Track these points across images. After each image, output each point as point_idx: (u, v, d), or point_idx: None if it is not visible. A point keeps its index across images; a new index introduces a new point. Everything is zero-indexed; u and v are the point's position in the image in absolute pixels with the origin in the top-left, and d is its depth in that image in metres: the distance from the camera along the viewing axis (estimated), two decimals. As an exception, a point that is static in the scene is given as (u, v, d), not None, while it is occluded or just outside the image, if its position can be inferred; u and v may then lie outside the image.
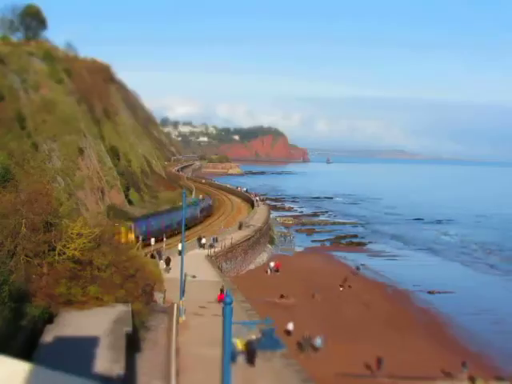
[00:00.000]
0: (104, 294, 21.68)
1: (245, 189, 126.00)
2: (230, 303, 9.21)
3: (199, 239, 52.53)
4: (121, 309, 21.26)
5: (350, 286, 51.78)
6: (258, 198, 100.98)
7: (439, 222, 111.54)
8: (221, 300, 37.77)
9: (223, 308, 9.22)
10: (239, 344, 24.95)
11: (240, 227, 64.24)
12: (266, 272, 55.76)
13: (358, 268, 61.59)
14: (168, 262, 40.67)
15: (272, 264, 56.49)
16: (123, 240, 38.87)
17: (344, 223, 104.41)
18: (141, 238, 47.77)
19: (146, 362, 20.63)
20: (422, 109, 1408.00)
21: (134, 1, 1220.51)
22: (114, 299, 21.91)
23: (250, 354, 19.69)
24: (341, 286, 51.82)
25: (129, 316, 20.51)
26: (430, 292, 53.13)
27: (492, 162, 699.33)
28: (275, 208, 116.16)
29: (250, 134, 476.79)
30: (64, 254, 22.03)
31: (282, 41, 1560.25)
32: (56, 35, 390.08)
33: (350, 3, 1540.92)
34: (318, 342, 33.34)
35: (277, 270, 55.65)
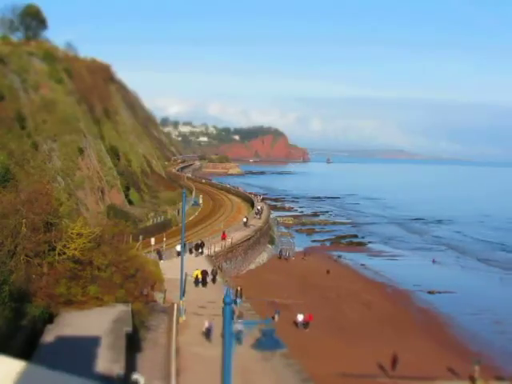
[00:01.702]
0: (104, 294, 21.70)
1: (260, 196, 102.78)
2: (230, 303, 9.20)
3: (245, 222, 65.18)
4: (121, 309, 21.27)
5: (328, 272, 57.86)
6: (259, 207, 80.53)
7: (440, 221, 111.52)
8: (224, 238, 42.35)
9: (223, 308, 9.21)
10: (198, 273, 35.75)
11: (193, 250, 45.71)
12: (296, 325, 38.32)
13: (339, 256, 68.90)
14: (160, 255, 43.16)
15: (300, 317, 38.67)
16: None
17: (344, 223, 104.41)
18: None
19: (146, 361, 20.63)
20: (421, 109, 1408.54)
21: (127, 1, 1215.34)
22: (113, 299, 21.92)
23: (204, 279, 35.91)
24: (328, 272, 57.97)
25: (129, 316, 20.53)
26: (430, 292, 53.13)
27: (492, 162, 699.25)
28: (275, 208, 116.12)
29: (250, 134, 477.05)
30: (64, 253, 22.04)
31: (281, 41, 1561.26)
32: (56, 35, 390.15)
33: (351, 3, 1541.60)
34: None
35: (306, 324, 38.39)
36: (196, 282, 35.53)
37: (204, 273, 36.21)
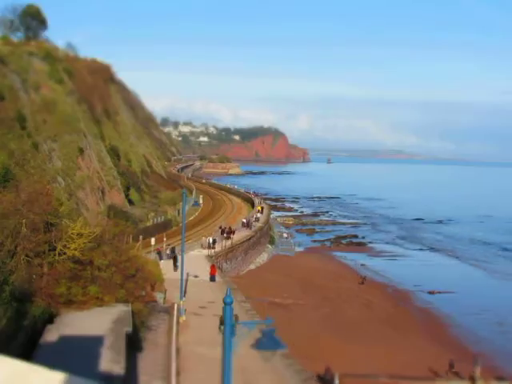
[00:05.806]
0: (104, 294, 21.69)
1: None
2: (230, 303, 9.19)
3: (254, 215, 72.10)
4: (121, 309, 21.27)
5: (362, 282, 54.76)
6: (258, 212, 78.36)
7: (440, 221, 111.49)
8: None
9: (223, 308, 9.20)
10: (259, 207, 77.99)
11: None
12: None
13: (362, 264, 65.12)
14: (161, 256, 44.21)
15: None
16: None
17: (344, 223, 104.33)
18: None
19: (146, 361, 20.62)
20: (421, 109, 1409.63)
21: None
22: (114, 299, 21.91)
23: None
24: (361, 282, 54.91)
25: (129, 316, 20.52)
26: (430, 292, 53.10)
27: (491, 163, 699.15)
28: (275, 208, 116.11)
29: (250, 134, 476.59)
30: (64, 254, 22.02)
31: (284, 41, 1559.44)
32: (56, 35, 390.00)
33: (348, 2, 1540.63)
34: None
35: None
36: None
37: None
